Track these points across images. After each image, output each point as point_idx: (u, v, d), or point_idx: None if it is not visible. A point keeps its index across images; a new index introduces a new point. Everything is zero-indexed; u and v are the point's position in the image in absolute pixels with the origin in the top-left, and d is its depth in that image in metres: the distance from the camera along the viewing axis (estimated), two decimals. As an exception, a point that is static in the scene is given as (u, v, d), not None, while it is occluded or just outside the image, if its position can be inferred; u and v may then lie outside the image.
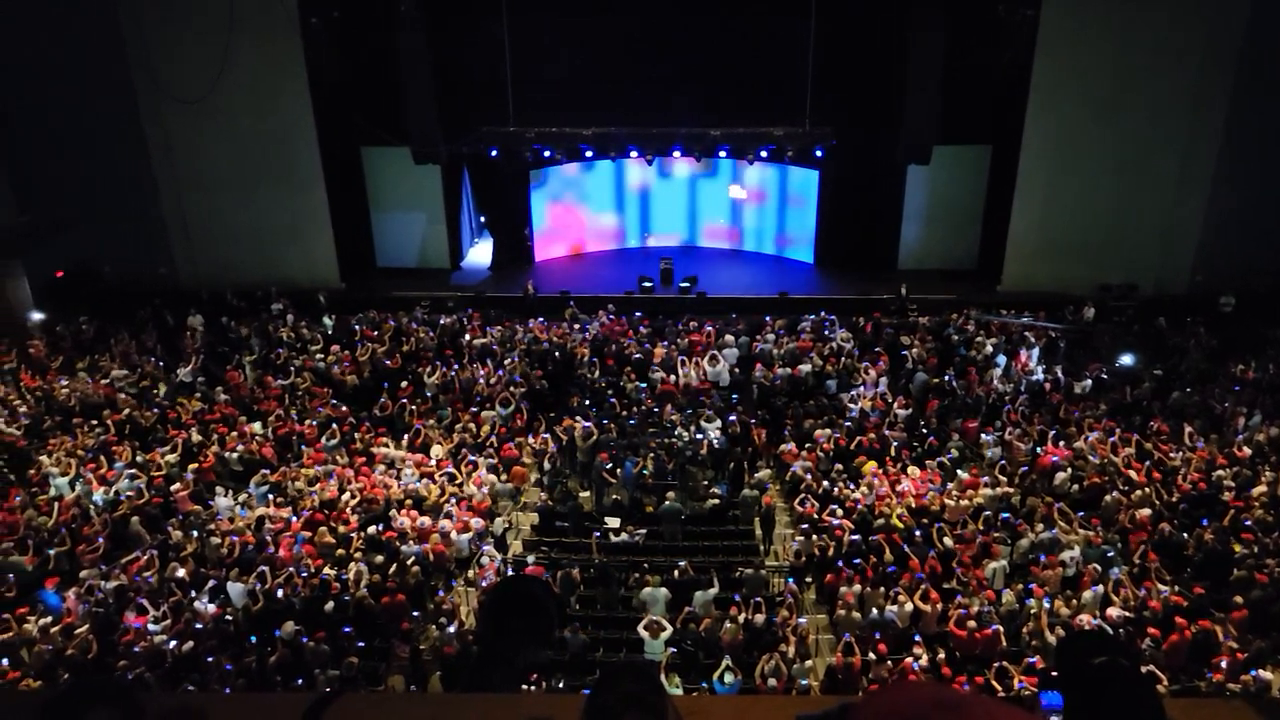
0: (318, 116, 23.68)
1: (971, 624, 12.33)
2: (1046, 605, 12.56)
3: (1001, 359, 20.02)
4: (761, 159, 24.30)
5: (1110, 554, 13.71)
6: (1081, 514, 14.92)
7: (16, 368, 20.04)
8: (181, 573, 13.69)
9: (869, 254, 25.50)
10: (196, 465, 16.62)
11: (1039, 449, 16.61)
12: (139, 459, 16.81)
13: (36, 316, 22.42)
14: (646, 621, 12.62)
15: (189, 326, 22.16)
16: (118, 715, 1.91)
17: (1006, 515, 14.72)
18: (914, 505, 15.20)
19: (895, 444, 16.99)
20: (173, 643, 12.24)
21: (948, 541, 14.22)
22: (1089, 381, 19.04)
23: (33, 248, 23.31)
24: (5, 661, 12.01)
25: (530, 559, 14.75)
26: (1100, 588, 12.90)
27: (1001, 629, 12.34)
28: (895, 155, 22.85)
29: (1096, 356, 20.47)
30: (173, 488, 15.88)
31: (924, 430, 17.71)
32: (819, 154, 23.21)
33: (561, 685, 11.53)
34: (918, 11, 21.16)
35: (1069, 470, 15.92)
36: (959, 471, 16.07)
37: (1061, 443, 16.78)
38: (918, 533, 14.38)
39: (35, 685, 11.54)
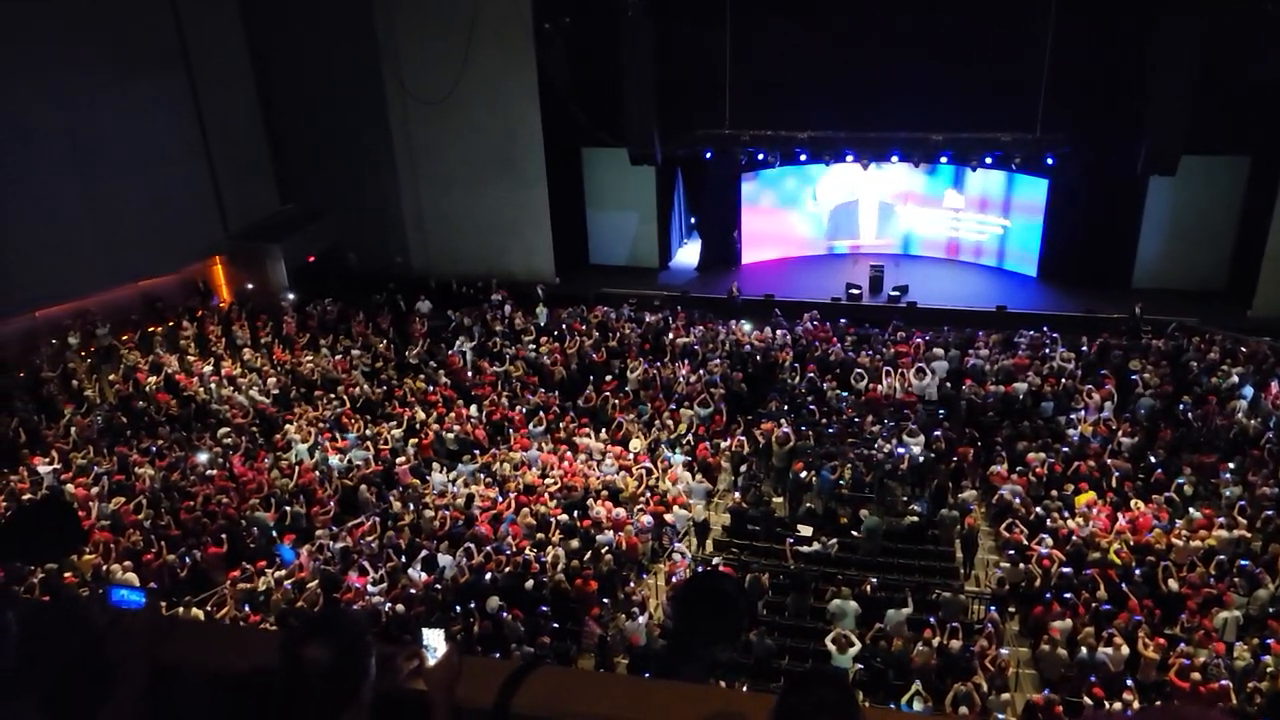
0: (544, 117, 24.76)
1: (1196, 676, 11.28)
2: (1287, 666, 11.33)
3: (1249, 390, 18.13)
4: (986, 166, 23.22)
5: (1370, 617, 12.17)
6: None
7: (271, 343, 22.27)
8: (399, 541, 14.78)
9: (1100, 270, 23.67)
10: (417, 441, 17.87)
11: (1289, 492, 14.94)
12: (368, 431, 18.26)
13: (289, 296, 24.84)
14: (835, 634, 12.40)
15: (417, 311, 23.83)
16: (334, 651, 2.08)
17: (1245, 562, 13.35)
18: (1134, 542, 14.09)
19: (1117, 474, 15.80)
20: (387, 605, 13.23)
21: (1172, 584, 13.08)
22: (1355, 422, 16.93)
23: (291, 234, 25.85)
24: (247, 607, 13.42)
25: (718, 559, 14.85)
26: (1355, 653, 11.49)
27: (1231, 685, 11.23)
28: (1136, 165, 21.19)
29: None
30: (397, 461, 17.16)
31: (1152, 462, 16.35)
32: (1050, 162, 21.90)
33: (745, 689, 11.55)
34: (1171, 9, 19.51)
35: (1324, 519, 14.23)
36: (1190, 510, 14.74)
37: (1317, 488, 15.02)
38: (1138, 571, 13.32)
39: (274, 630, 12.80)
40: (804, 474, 16.11)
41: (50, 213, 20.19)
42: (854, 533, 14.99)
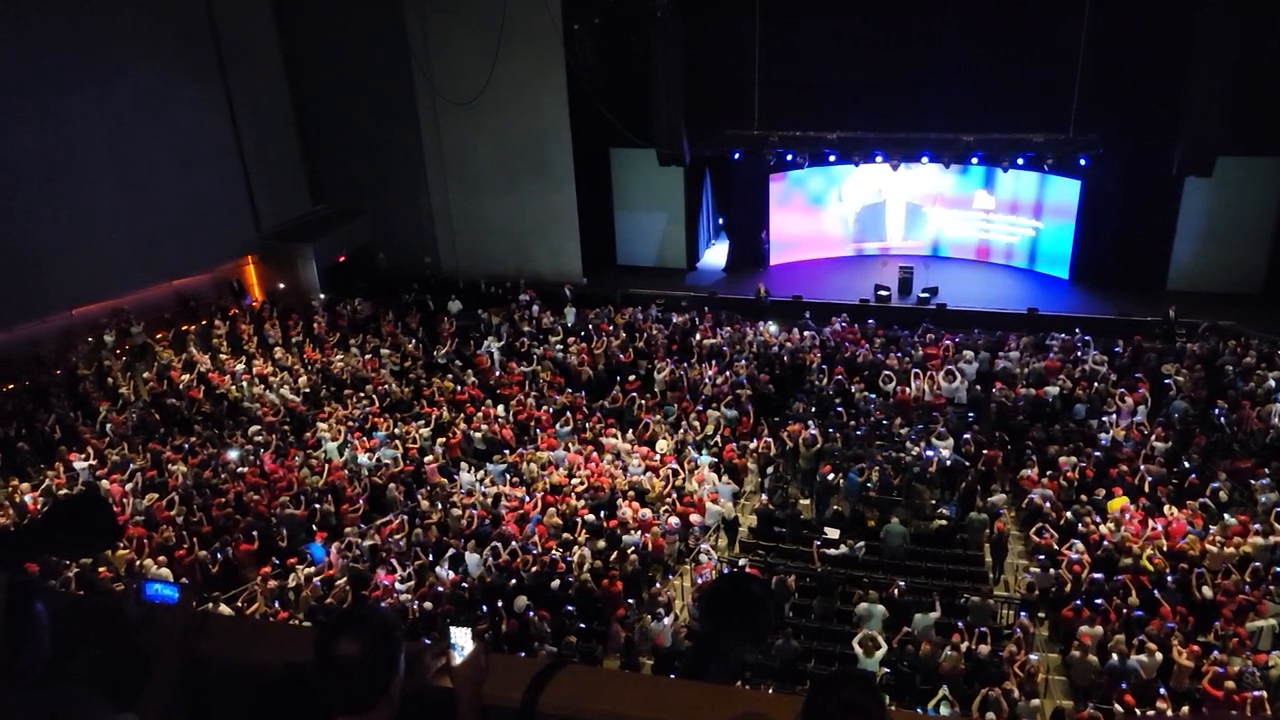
0: (573, 118, 24.84)
1: (1230, 685, 11.10)
2: (1324, 676, 11.12)
3: (1286, 395, 17.85)
4: (1017, 167, 22.97)
5: None
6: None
7: (302, 342, 22.49)
8: (427, 539, 14.85)
9: (1134, 272, 23.38)
10: (445, 440, 17.97)
11: (1327, 499, 14.67)
12: (397, 430, 18.39)
13: (320, 297, 25.06)
14: (861, 637, 12.31)
15: (447, 311, 23.97)
16: (366, 646, 2.11)
17: (1280, 570, 13.14)
18: (1167, 548, 13.89)
19: (1150, 479, 15.58)
20: (415, 603, 13.29)
21: (1206, 591, 12.88)
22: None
23: (321, 234, 26.12)
24: (277, 604, 13.54)
25: (744, 561, 14.79)
26: (1395, 664, 11.25)
27: (1266, 695, 11.03)
28: (1171, 166, 20.90)
29: None
30: (425, 459, 17.26)
31: (1186, 467, 16.11)
32: (1083, 163, 21.64)
33: (770, 692, 11.49)
34: (1208, 6, 19.21)
35: (1364, 527, 13.95)
36: (1225, 515, 14.51)
37: (1356, 495, 14.73)
38: (1171, 578, 13.13)
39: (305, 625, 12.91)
40: (831, 476, 16.04)
41: (87, 213, 20.55)
42: (880, 534, 14.89)
